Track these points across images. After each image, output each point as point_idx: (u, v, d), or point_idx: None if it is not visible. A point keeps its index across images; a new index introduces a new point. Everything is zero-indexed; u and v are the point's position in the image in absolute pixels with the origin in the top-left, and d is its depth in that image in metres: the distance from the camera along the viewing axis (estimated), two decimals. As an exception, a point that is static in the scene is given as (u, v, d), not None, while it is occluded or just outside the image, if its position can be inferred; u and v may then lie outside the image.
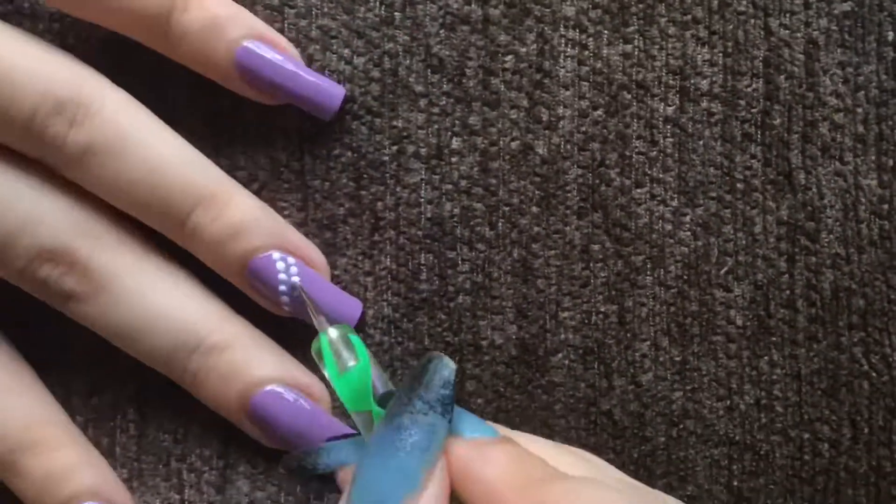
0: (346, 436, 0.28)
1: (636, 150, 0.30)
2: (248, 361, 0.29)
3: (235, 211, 0.28)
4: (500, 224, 0.30)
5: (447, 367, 0.24)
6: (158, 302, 0.28)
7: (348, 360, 0.25)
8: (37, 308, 0.30)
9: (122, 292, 0.28)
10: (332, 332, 0.26)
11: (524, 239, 0.30)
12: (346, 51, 0.30)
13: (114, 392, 0.30)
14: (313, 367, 0.29)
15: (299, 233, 0.30)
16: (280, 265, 0.28)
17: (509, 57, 0.30)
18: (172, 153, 0.28)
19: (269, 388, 0.29)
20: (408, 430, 0.22)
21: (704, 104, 0.30)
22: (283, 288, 0.28)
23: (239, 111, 0.30)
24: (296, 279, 0.28)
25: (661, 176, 0.30)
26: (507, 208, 0.30)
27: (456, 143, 0.30)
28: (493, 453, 0.23)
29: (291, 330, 0.30)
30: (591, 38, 0.30)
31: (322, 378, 0.29)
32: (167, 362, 0.29)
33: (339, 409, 0.29)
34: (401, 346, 0.30)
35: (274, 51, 0.29)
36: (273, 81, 0.28)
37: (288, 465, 0.27)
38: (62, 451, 0.29)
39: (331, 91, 0.29)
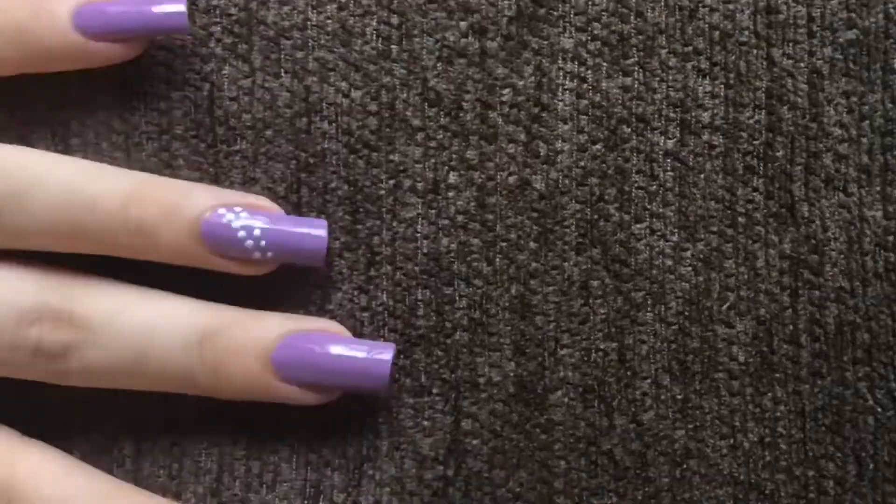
0: None
1: (636, 184, 0.30)
2: (256, 328, 0.28)
3: (167, 191, 0.28)
4: (497, 260, 0.30)
5: None
6: (149, 313, 0.28)
7: None
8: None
9: (110, 320, 0.28)
10: None
11: (522, 275, 0.30)
12: (344, 84, 0.30)
13: (111, 426, 0.30)
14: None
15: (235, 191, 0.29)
16: (229, 216, 0.28)
17: (507, 90, 0.30)
18: (83, 168, 0.28)
19: (285, 340, 0.28)
20: None
21: (706, 137, 0.30)
22: (241, 234, 0.28)
23: (236, 143, 0.30)
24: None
25: (661, 210, 0.30)
26: (504, 244, 0.30)
27: (453, 178, 0.30)
28: None
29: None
30: (589, 71, 0.30)
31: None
32: (181, 368, 0.28)
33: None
34: (397, 382, 0.30)
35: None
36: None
37: None
38: None
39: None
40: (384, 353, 0.28)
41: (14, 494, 0.28)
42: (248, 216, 0.28)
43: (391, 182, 0.30)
